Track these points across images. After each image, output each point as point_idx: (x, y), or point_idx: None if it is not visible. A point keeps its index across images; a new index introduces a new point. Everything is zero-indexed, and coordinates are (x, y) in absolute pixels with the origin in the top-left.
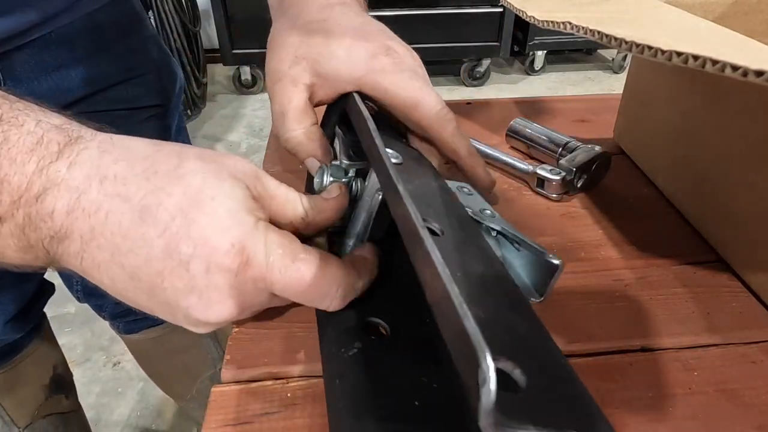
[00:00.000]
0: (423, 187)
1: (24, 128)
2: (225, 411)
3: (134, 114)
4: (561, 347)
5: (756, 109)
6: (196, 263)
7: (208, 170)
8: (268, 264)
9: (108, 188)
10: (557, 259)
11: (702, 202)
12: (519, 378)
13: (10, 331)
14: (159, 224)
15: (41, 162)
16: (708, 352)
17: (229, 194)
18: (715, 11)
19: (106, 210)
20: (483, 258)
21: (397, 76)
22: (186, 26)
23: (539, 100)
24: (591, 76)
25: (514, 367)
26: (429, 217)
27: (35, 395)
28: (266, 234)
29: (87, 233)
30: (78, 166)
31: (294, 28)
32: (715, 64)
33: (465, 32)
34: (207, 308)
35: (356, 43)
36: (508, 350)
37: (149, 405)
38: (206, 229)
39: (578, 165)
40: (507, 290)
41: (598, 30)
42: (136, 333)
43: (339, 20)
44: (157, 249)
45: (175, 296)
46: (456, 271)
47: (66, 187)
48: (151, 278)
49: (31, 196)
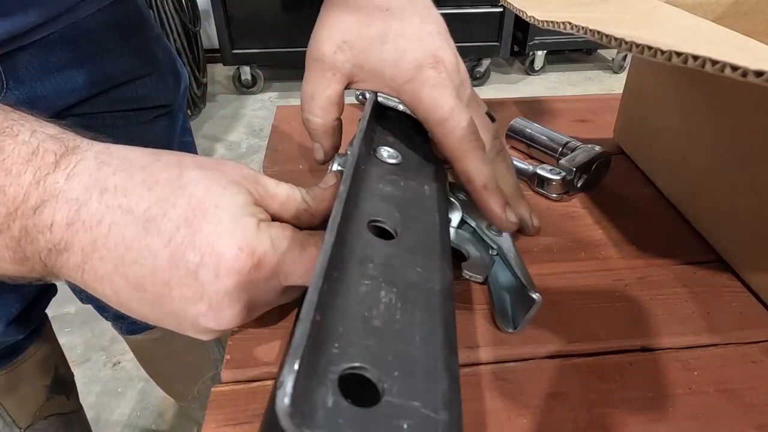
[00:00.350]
0: (407, 190)
1: (19, 138)
2: (225, 411)
3: (139, 114)
4: (561, 347)
5: (756, 109)
6: (204, 271)
7: (210, 179)
8: (279, 258)
9: (109, 200)
10: (536, 293)
11: (702, 202)
12: (380, 390)
13: (12, 332)
14: (164, 235)
15: (38, 173)
16: (708, 352)
17: (231, 201)
18: (715, 11)
19: (108, 222)
20: (427, 268)
21: (435, 91)
22: (186, 26)
23: (539, 100)
24: (591, 76)
25: (379, 380)
26: (387, 219)
27: (36, 396)
28: (269, 231)
29: (88, 246)
30: (76, 178)
31: (357, 7)
32: (715, 64)
33: (465, 32)
34: (217, 314)
35: (409, 46)
36: (382, 362)
37: (149, 405)
38: (211, 237)
39: (578, 165)
40: (429, 307)
41: (598, 30)
42: (139, 334)
43: (401, 13)
44: (162, 259)
45: (184, 305)
46: (379, 275)
47: (65, 198)
48: (157, 288)
49: (28, 207)
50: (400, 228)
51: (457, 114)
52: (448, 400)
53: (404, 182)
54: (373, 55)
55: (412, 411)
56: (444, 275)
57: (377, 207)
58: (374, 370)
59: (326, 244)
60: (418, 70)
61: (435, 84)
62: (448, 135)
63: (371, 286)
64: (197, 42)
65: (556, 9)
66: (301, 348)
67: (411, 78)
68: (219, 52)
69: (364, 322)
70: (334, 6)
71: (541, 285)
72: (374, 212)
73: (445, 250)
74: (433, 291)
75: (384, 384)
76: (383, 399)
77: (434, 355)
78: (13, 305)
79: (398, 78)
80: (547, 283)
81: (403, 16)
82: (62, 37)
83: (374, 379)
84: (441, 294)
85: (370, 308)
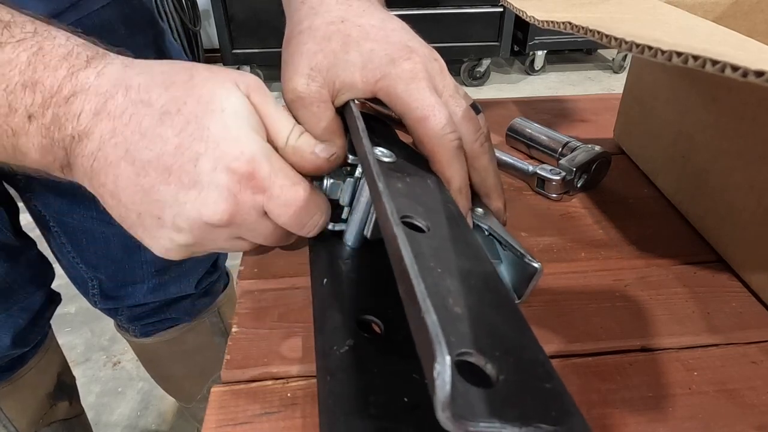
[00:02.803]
0: (414, 184)
1: (56, 41)
2: (225, 411)
3: None
4: (561, 347)
5: (756, 109)
6: (205, 161)
7: (216, 80)
8: (272, 180)
9: (133, 95)
10: (537, 262)
11: (702, 202)
12: (491, 372)
13: (20, 344)
14: (176, 126)
15: (72, 69)
16: (708, 352)
17: (236, 109)
18: (715, 11)
19: (130, 113)
20: (471, 255)
21: (411, 86)
22: (186, 26)
23: (539, 100)
24: (591, 76)
25: (487, 362)
26: (415, 214)
27: (40, 404)
28: (272, 155)
29: (107, 132)
30: (105, 77)
31: (311, 30)
32: (715, 64)
33: (465, 32)
34: (202, 205)
35: (376, 45)
36: (482, 345)
37: (149, 405)
38: (218, 135)
39: (578, 165)
40: (492, 288)
41: (598, 30)
42: (152, 336)
43: (358, 20)
44: (170, 146)
45: (177, 191)
46: (436, 266)
47: (95, 92)
48: (158, 173)
49: (61, 97)
50: (428, 222)
51: (433, 112)
52: (550, 369)
53: (409, 178)
54: (340, 67)
55: (526, 385)
56: (486, 261)
57: (400, 203)
58: (478, 355)
59: (400, 239)
60: (392, 64)
61: (410, 78)
62: (423, 135)
63: (437, 277)
64: (197, 42)
65: (556, 9)
66: (442, 337)
67: (384, 74)
68: (219, 52)
69: (448, 311)
70: (292, 40)
71: (541, 285)
72: (401, 209)
73: (474, 237)
74: (487, 274)
75: (489, 365)
76: (500, 378)
77: (520, 331)
78: (20, 316)
79: (370, 78)
80: (547, 283)
81: (361, 21)
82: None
83: (480, 363)
84: (494, 278)
85: (444, 297)
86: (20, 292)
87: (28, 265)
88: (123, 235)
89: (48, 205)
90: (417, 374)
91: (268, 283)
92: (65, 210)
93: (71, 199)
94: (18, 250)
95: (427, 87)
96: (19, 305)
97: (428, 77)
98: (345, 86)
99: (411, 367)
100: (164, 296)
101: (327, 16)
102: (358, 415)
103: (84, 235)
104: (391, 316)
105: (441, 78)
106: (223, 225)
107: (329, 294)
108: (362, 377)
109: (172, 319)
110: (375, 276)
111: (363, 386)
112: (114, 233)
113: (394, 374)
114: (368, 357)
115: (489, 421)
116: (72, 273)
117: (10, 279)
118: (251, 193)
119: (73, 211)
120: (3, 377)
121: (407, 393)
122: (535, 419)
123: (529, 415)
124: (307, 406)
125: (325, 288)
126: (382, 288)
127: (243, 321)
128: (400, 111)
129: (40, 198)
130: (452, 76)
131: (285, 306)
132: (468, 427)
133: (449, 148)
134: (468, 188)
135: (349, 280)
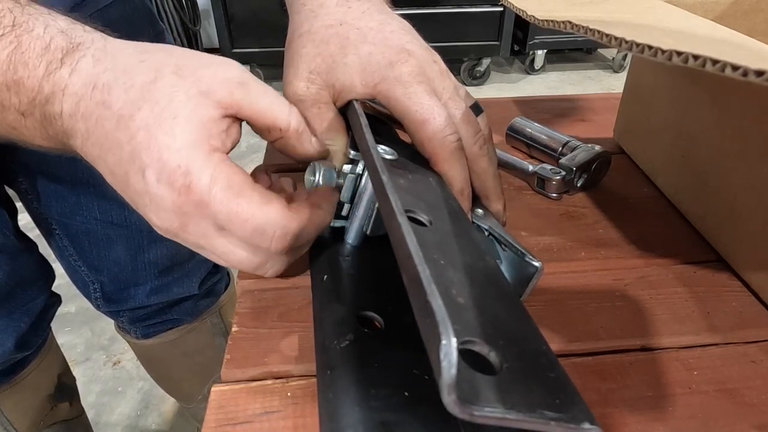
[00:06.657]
0: (416, 181)
1: (34, 33)
2: (225, 411)
3: None
4: (561, 347)
5: (756, 109)
6: (150, 172)
7: (179, 88)
8: (211, 193)
9: (97, 96)
10: (537, 261)
11: (702, 201)
12: (494, 360)
13: (22, 348)
14: (129, 132)
15: (49, 67)
16: (708, 352)
17: (190, 116)
18: (715, 10)
19: (96, 116)
20: (473, 250)
21: (409, 90)
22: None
23: (539, 100)
24: (591, 75)
25: (490, 350)
26: (417, 209)
27: (40, 406)
28: (217, 165)
29: (84, 133)
30: (77, 74)
31: (310, 33)
32: (715, 64)
33: (465, 31)
34: (155, 214)
35: (374, 48)
36: (485, 334)
37: (149, 405)
38: (162, 145)
39: (578, 164)
40: (495, 281)
41: (598, 30)
42: (153, 337)
43: (357, 22)
44: (125, 153)
45: (136, 196)
46: (439, 258)
47: (70, 92)
48: (122, 176)
49: (43, 97)
50: (430, 217)
51: (432, 114)
52: (554, 359)
53: (411, 175)
54: (339, 70)
55: (530, 374)
56: (488, 256)
57: (403, 198)
58: (482, 343)
59: (404, 227)
60: (390, 67)
61: (408, 81)
62: (423, 137)
63: (440, 268)
64: (197, 41)
65: (556, 8)
66: (448, 319)
67: (383, 78)
68: (219, 52)
69: (452, 299)
70: (292, 43)
71: (541, 284)
72: (403, 203)
73: (475, 234)
74: (490, 268)
75: (492, 353)
76: (504, 367)
77: (523, 323)
78: (21, 320)
79: (369, 81)
80: (547, 282)
81: (359, 24)
82: None
83: (483, 351)
84: (496, 272)
85: (448, 287)
86: (22, 295)
87: (29, 268)
88: (126, 236)
89: (50, 208)
90: (418, 369)
91: (268, 283)
92: (68, 212)
93: (74, 201)
94: (20, 251)
95: (426, 90)
96: (21, 309)
97: (427, 80)
98: (345, 89)
99: (412, 362)
100: (167, 297)
101: (326, 19)
102: (358, 407)
103: (87, 237)
104: (392, 313)
105: (440, 80)
106: (173, 234)
107: (329, 290)
108: (363, 371)
109: (174, 320)
110: (375, 273)
111: (363, 380)
112: (117, 235)
113: (395, 369)
114: (369, 351)
115: (494, 407)
116: (73, 276)
117: (12, 282)
118: (195, 207)
119: (76, 214)
120: (4, 380)
121: (408, 387)
122: (539, 407)
123: (533, 402)
124: (308, 406)
125: (325, 284)
126: (383, 285)
127: (243, 320)
128: (399, 114)
129: (42, 200)
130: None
131: (285, 305)
132: (473, 411)
133: (449, 150)
134: (470, 190)
135: (349, 277)
